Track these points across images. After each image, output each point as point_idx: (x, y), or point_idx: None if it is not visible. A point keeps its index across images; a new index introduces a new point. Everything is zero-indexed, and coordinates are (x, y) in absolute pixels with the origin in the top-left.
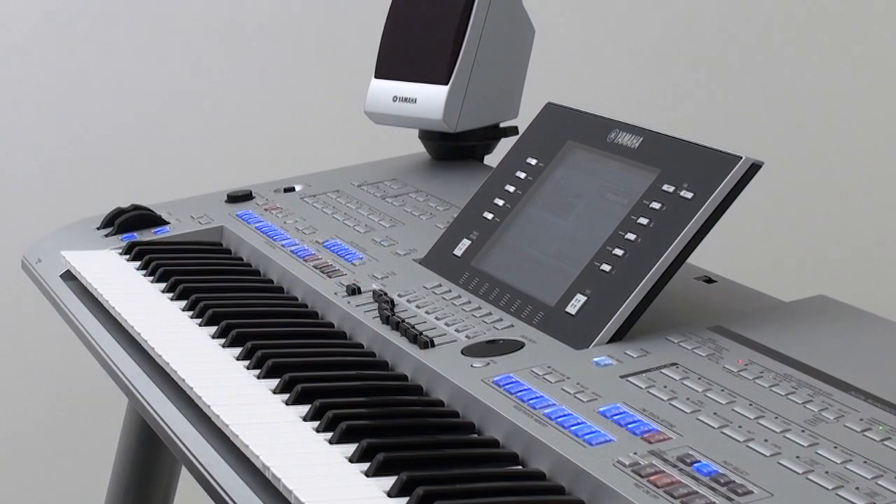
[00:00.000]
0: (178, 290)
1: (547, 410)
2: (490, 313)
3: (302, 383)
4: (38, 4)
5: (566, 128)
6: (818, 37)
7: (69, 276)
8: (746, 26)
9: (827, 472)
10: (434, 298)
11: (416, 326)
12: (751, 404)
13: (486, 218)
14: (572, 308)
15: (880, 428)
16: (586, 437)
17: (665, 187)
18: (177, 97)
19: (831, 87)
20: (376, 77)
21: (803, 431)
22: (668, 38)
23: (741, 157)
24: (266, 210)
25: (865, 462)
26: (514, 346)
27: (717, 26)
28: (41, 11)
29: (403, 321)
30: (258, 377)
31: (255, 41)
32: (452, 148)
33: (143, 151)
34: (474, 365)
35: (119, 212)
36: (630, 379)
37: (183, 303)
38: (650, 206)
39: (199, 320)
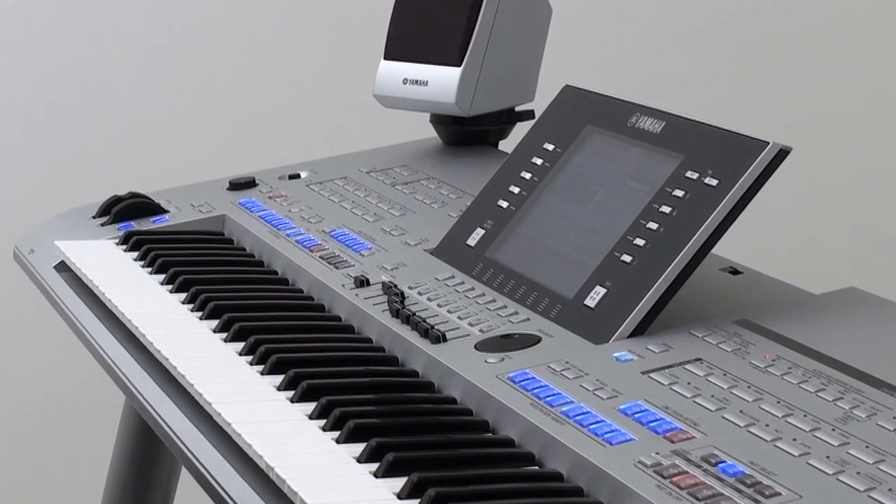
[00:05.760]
0: (177, 281)
1: (565, 408)
2: (505, 306)
3: (308, 380)
4: None
5: (585, 112)
6: (853, 17)
7: (63, 268)
8: (776, 5)
9: (858, 473)
10: (446, 291)
11: (428, 320)
12: (778, 402)
13: (500, 206)
14: (591, 301)
15: None
16: (606, 436)
17: (689, 174)
18: (176, 79)
19: (865, 71)
20: (385, 59)
21: (833, 430)
22: (691, 18)
23: (768, 143)
24: (270, 198)
25: None
26: (531, 340)
27: (744, 5)
28: None
29: (414, 314)
30: (262, 373)
31: (259, 20)
32: (465, 133)
33: (141, 136)
34: (488, 360)
35: (116, 200)
36: (652, 375)
37: (183, 295)
38: (673, 193)
39: (199, 313)
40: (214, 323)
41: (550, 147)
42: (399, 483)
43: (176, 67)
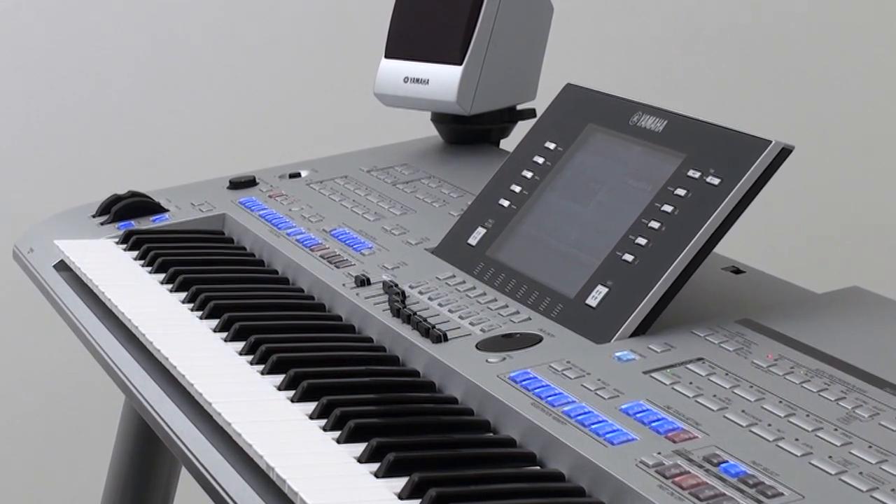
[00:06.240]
0: (177, 281)
1: (566, 408)
2: (506, 306)
3: (308, 379)
4: None
5: (586, 110)
6: (854, 17)
7: (63, 267)
8: (777, 4)
9: (861, 473)
10: (447, 290)
11: (429, 319)
12: (781, 401)
13: (502, 205)
14: (593, 300)
15: None
16: (608, 436)
17: (690, 173)
18: (177, 79)
19: (865, 71)
20: (386, 57)
21: (836, 430)
22: (693, 16)
23: (771, 142)
24: (270, 197)
25: None
26: (532, 340)
27: (745, 5)
28: None
29: (415, 314)
30: (262, 373)
31: (259, 20)
32: (467, 131)
33: (141, 136)
34: (490, 360)
35: (116, 199)
36: (654, 375)
37: (183, 294)
38: (675, 192)
39: (199, 313)
40: (214, 322)
41: (552, 146)
42: (400, 483)
43: (176, 67)
